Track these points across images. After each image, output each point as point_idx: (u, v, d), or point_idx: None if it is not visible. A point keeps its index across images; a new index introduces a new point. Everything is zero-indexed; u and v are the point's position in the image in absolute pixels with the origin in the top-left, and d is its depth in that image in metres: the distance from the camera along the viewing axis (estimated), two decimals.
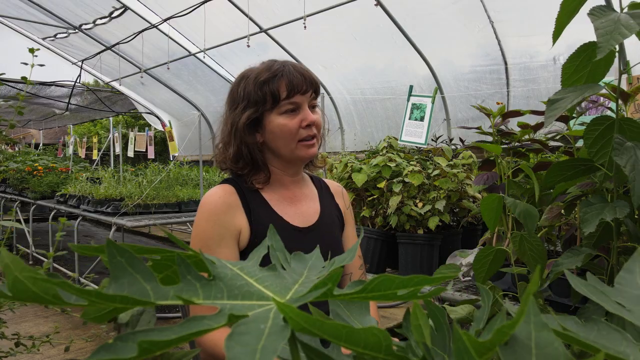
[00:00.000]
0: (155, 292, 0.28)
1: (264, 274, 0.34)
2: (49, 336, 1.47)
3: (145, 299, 0.27)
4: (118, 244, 0.29)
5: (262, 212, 1.20)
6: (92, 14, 6.21)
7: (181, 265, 0.31)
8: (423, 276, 0.31)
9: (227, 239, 1.14)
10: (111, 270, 0.29)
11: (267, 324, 0.26)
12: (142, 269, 0.29)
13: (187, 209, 4.89)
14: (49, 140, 13.68)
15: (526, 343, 0.26)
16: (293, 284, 0.34)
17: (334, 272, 0.30)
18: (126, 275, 0.29)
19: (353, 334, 0.26)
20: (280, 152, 1.21)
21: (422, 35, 4.65)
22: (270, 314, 0.28)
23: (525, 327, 0.27)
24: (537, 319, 0.27)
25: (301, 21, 4.37)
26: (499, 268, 1.12)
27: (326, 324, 0.26)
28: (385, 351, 0.27)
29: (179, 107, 7.91)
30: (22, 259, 2.27)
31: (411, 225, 2.28)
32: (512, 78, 4.45)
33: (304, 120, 1.17)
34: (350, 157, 2.71)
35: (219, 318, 0.27)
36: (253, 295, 0.31)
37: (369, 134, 5.74)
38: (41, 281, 0.26)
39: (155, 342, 0.24)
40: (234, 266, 0.35)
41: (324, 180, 1.42)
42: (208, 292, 0.30)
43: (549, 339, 0.26)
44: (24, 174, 6.64)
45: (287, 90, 1.16)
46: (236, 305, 0.29)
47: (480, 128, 1.47)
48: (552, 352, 0.26)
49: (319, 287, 0.30)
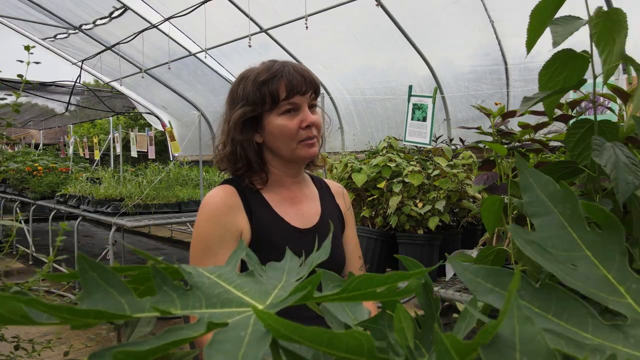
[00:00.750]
0: (131, 305, 0.28)
1: (242, 279, 0.34)
2: (50, 341, 1.46)
3: (120, 313, 0.27)
4: (89, 259, 0.29)
5: (263, 213, 1.19)
6: (92, 14, 6.21)
7: (157, 276, 0.30)
8: (401, 272, 0.30)
9: (228, 240, 1.14)
10: (83, 286, 0.28)
11: (247, 331, 0.26)
12: (115, 282, 0.29)
13: (187, 209, 4.89)
14: (49, 141, 13.68)
15: (510, 339, 0.26)
16: (273, 288, 0.33)
17: (315, 276, 0.30)
18: (99, 290, 0.28)
19: (334, 339, 0.25)
20: (281, 152, 1.21)
21: (422, 35, 4.65)
22: (250, 320, 0.27)
23: (508, 323, 0.26)
24: (520, 312, 0.27)
25: (301, 21, 4.37)
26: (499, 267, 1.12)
27: (306, 330, 0.25)
28: (367, 354, 0.26)
29: (179, 107, 7.92)
30: (22, 259, 2.29)
31: (411, 225, 2.28)
32: (512, 78, 4.45)
33: (304, 121, 1.17)
34: (350, 157, 2.71)
35: (197, 327, 0.26)
36: (232, 303, 0.30)
37: (369, 134, 5.74)
38: (7, 300, 0.25)
39: (130, 353, 0.24)
40: (212, 273, 0.34)
41: (325, 180, 1.42)
42: (185, 302, 0.30)
43: (532, 332, 0.26)
44: (24, 174, 6.64)
45: (287, 91, 1.15)
46: (215, 314, 0.29)
47: (480, 128, 1.47)
48: (535, 347, 0.25)
49: (298, 290, 0.29)
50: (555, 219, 0.38)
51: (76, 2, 6.07)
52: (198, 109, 7.55)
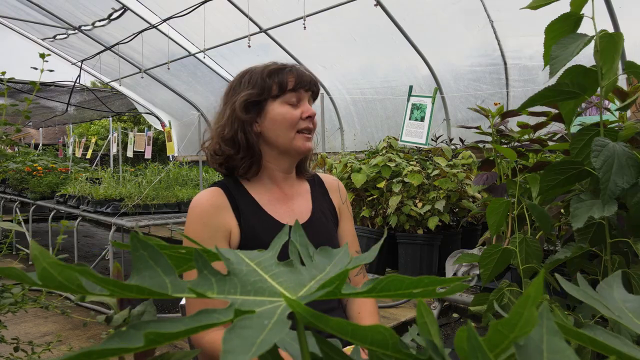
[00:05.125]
0: (174, 285, 0.30)
1: (280, 269, 0.35)
2: (49, 344, 1.46)
3: (163, 292, 0.29)
4: (141, 238, 0.31)
5: (252, 211, 1.20)
6: (90, 16, 6.21)
7: (198, 260, 0.32)
8: (434, 277, 0.31)
9: (218, 240, 1.15)
10: (134, 262, 0.30)
11: (272, 320, 0.27)
12: (162, 262, 0.30)
13: (186, 209, 4.88)
14: (49, 141, 13.67)
15: (538, 345, 0.27)
16: (310, 280, 0.34)
17: (342, 271, 0.31)
18: (148, 268, 0.30)
19: (358, 331, 0.27)
20: (278, 141, 1.22)
21: (422, 35, 4.65)
22: (277, 310, 0.28)
23: (538, 330, 0.27)
24: (550, 323, 0.27)
25: (301, 21, 4.37)
26: (505, 267, 1.13)
27: (332, 320, 0.26)
28: (392, 348, 0.27)
29: (179, 107, 7.92)
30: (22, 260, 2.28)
31: (411, 225, 2.28)
32: (511, 78, 4.45)
33: (305, 112, 1.21)
34: (350, 157, 2.71)
35: (227, 312, 0.27)
36: (265, 292, 0.31)
37: (369, 134, 5.74)
38: (66, 270, 0.27)
39: (162, 334, 0.25)
40: (252, 261, 0.35)
41: (319, 175, 1.41)
42: (222, 287, 0.31)
43: (560, 345, 0.27)
44: (23, 174, 6.64)
45: (295, 83, 1.21)
46: (247, 301, 0.30)
47: (480, 128, 1.47)
48: (564, 359, 0.26)
49: (326, 285, 0.30)
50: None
51: (75, 4, 6.06)
52: (198, 109, 7.55)
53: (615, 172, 0.85)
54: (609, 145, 0.87)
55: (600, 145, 0.87)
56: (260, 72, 1.22)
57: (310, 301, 0.29)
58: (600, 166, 0.85)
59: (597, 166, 0.85)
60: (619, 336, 0.32)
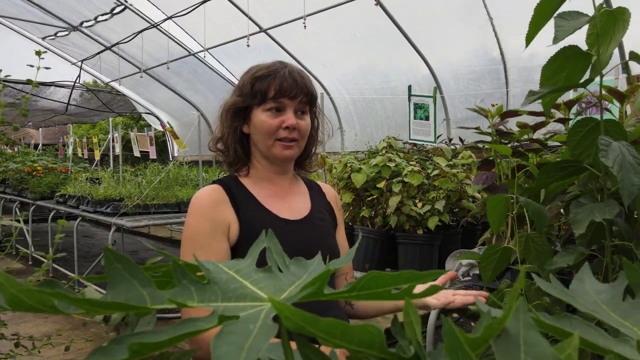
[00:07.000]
0: (152, 297, 0.29)
1: (259, 275, 0.35)
2: (50, 337, 1.46)
3: (141, 305, 0.28)
4: (115, 251, 0.30)
5: (250, 206, 1.23)
6: (93, 10, 6.23)
7: (177, 270, 0.31)
8: (413, 272, 0.31)
9: (217, 234, 1.17)
10: (109, 277, 0.29)
11: (257, 324, 0.27)
12: (138, 274, 0.30)
13: (186, 209, 4.87)
14: (49, 141, 13.67)
15: (515, 339, 0.27)
16: (289, 285, 0.34)
17: (324, 271, 0.31)
18: (123, 282, 0.29)
19: (347, 332, 0.26)
20: (259, 146, 1.27)
21: (421, 35, 4.65)
22: (261, 314, 0.28)
23: (514, 324, 0.28)
24: (525, 316, 0.28)
25: (301, 21, 4.37)
26: (505, 267, 1.13)
27: (321, 321, 0.26)
28: (378, 348, 0.27)
29: (178, 107, 7.92)
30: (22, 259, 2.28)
31: (411, 225, 2.28)
32: (511, 78, 4.45)
33: (284, 121, 1.22)
34: (350, 157, 2.71)
35: (211, 319, 0.27)
36: (247, 297, 0.31)
37: (369, 134, 5.74)
38: (36, 293, 0.26)
39: (145, 344, 0.25)
40: (230, 269, 0.35)
41: (316, 182, 1.47)
42: (202, 295, 0.31)
43: (536, 338, 0.27)
44: (23, 174, 6.64)
45: (275, 91, 1.21)
46: (229, 307, 0.30)
47: (479, 128, 1.47)
48: (540, 351, 0.26)
49: (308, 286, 0.30)
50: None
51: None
52: (197, 109, 7.55)
53: (629, 171, 0.83)
54: (613, 144, 0.86)
55: (605, 144, 0.86)
56: (250, 76, 1.24)
57: (303, 302, 0.29)
58: (612, 165, 0.83)
59: (609, 164, 0.83)
60: (596, 327, 0.33)
